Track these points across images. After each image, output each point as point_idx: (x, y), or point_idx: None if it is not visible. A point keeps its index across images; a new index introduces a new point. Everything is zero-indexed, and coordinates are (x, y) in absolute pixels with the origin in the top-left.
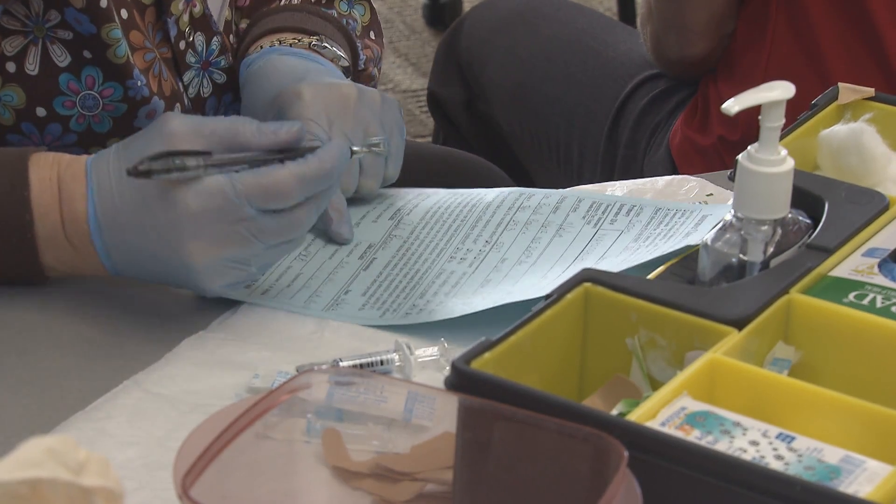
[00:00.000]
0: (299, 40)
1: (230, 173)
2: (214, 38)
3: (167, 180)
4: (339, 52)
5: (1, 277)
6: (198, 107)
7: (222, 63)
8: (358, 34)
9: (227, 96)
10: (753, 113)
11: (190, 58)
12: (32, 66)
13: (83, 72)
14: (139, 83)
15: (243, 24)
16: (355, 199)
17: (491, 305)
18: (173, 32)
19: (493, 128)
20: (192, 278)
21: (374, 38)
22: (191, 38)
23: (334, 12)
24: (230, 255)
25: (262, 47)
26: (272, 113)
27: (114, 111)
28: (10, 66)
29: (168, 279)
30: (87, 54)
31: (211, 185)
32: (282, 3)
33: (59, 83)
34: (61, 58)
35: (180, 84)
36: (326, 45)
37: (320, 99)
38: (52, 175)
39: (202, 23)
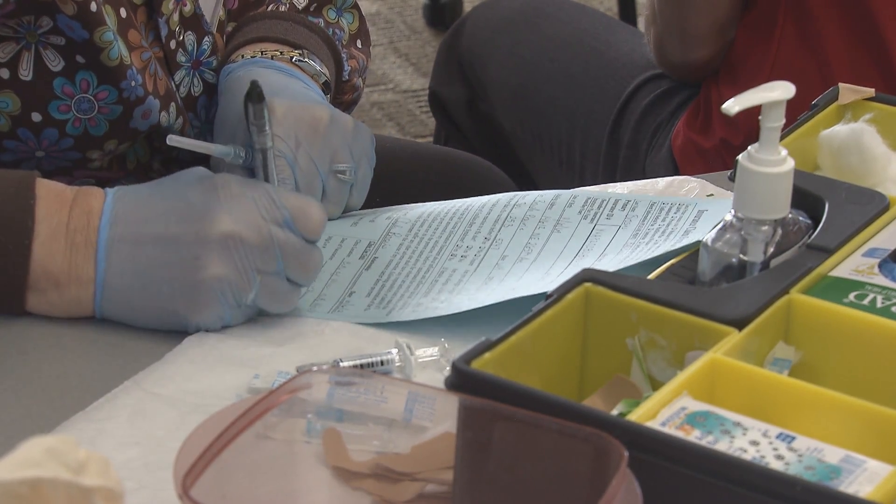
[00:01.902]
0: (281, 53)
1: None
2: (206, 38)
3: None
4: (319, 68)
5: None
6: (189, 106)
7: (213, 63)
8: (344, 44)
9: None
10: (755, 117)
11: (180, 57)
12: (26, 72)
13: (77, 76)
14: (133, 83)
15: (229, 28)
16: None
17: (496, 301)
18: (164, 32)
19: (495, 128)
20: (197, 271)
21: (360, 46)
22: (181, 38)
23: (321, 21)
24: (248, 248)
25: (243, 56)
26: (243, 125)
27: (109, 114)
28: (4, 73)
29: (166, 286)
30: (80, 59)
31: (246, 179)
32: (269, 8)
33: (54, 87)
34: (55, 62)
35: (172, 83)
36: (307, 60)
37: (291, 117)
38: (66, 189)
39: (193, 22)
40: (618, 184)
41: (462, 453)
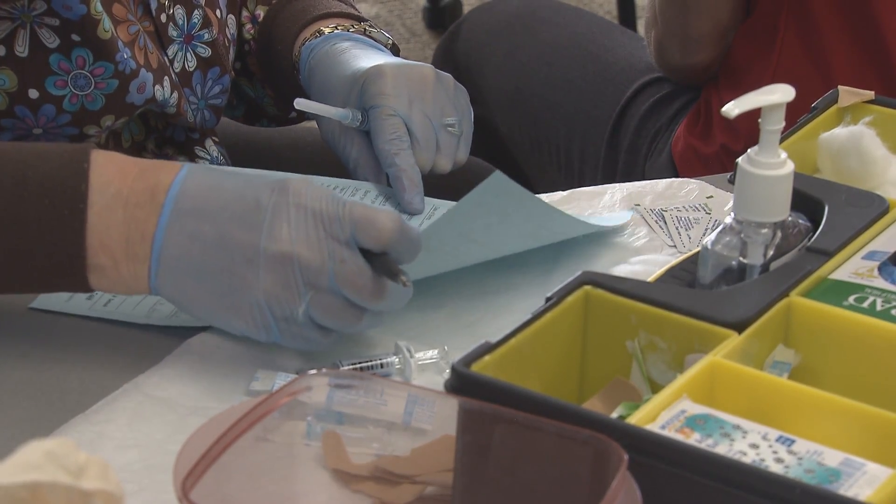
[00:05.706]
0: (353, 26)
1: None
2: (195, 12)
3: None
4: (386, 35)
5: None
6: (185, 81)
7: (205, 37)
8: None
9: (214, 70)
10: (756, 122)
11: (172, 31)
12: (22, 49)
13: (73, 52)
14: (126, 55)
15: (259, 11)
16: None
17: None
18: (154, 6)
19: (492, 132)
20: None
21: None
22: (171, 11)
23: None
24: (301, 265)
25: (320, 32)
26: (354, 91)
27: (105, 88)
28: (0, 50)
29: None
30: (75, 37)
31: (323, 188)
32: None
33: (50, 63)
34: (50, 40)
35: (165, 58)
36: (375, 29)
37: (402, 78)
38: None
39: None
40: (616, 185)
41: (462, 456)
